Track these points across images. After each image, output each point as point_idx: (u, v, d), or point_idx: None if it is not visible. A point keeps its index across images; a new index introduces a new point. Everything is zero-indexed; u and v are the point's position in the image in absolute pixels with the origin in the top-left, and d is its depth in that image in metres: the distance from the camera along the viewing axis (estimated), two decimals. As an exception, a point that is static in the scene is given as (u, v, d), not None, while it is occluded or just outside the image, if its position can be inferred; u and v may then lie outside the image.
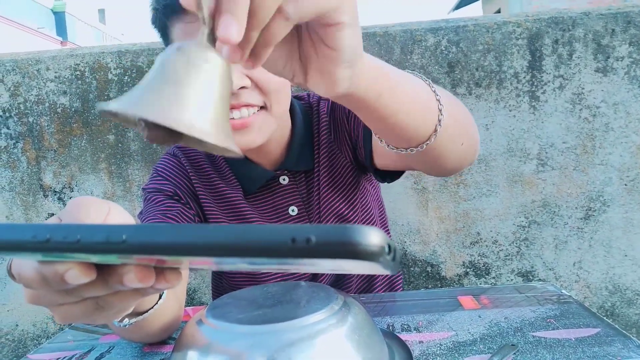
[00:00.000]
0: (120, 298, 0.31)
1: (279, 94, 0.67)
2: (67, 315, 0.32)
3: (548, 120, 1.09)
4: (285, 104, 0.71)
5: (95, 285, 0.29)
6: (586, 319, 0.60)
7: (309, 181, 0.79)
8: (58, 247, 0.23)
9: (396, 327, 0.62)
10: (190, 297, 1.18)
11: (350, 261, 0.21)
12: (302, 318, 0.45)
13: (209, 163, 0.80)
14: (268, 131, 0.68)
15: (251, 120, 0.65)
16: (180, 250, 0.22)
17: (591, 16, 1.07)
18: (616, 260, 1.13)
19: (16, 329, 1.20)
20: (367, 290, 0.88)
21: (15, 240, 0.23)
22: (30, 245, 0.23)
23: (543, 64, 1.08)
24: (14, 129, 1.14)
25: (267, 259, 0.21)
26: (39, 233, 0.23)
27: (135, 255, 0.23)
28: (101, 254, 0.23)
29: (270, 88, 0.65)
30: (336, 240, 0.20)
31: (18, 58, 1.13)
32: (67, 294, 0.30)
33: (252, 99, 0.65)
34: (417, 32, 1.08)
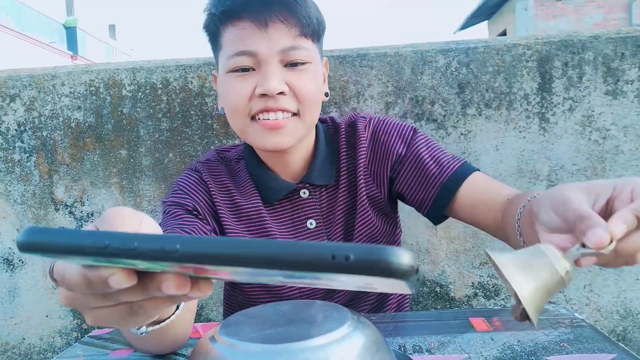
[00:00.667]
0: (154, 304, 0.33)
1: (312, 104, 0.73)
2: (99, 318, 0.35)
3: (558, 142, 1.10)
4: (316, 116, 0.76)
5: (134, 290, 0.31)
6: (600, 343, 0.59)
7: (329, 196, 0.82)
8: (115, 253, 0.25)
9: (407, 347, 0.61)
10: (197, 314, 1.18)
11: (382, 279, 0.23)
12: (316, 338, 0.45)
13: (230, 178, 0.82)
14: (298, 136, 0.73)
15: (284, 122, 0.71)
16: (228, 260, 0.24)
17: (601, 40, 1.08)
18: (627, 284, 1.11)
19: (23, 342, 1.20)
20: (378, 310, 0.88)
21: (76, 244, 0.25)
22: (90, 250, 0.25)
23: (553, 86, 1.09)
24: (28, 143, 1.16)
25: (307, 273, 0.23)
26: (98, 239, 0.25)
27: (183, 264, 0.25)
28: (154, 262, 0.25)
29: (305, 97, 0.71)
30: (372, 259, 0.22)
31: (34, 73, 1.15)
32: (104, 298, 0.32)
33: (288, 104, 0.71)
34: (428, 53, 1.10)
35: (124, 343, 0.70)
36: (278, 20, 0.69)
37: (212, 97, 1.12)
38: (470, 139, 1.11)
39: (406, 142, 0.80)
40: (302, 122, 0.73)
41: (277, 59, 0.70)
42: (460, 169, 0.76)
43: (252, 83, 0.70)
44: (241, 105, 0.71)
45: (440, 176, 0.76)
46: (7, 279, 1.19)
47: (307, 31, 0.71)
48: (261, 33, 0.68)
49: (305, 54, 0.71)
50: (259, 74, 0.70)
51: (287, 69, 0.71)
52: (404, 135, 0.81)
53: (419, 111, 1.11)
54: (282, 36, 0.69)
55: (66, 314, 1.19)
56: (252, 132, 0.73)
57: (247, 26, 0.69)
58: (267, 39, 0.68)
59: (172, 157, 1.14)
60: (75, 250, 0.25)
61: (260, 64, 0.70)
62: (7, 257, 1.18)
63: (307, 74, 0.72)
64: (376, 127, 0.82)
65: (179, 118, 1.13)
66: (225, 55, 0.72)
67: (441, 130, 1.11)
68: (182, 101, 1.13)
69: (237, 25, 0.70)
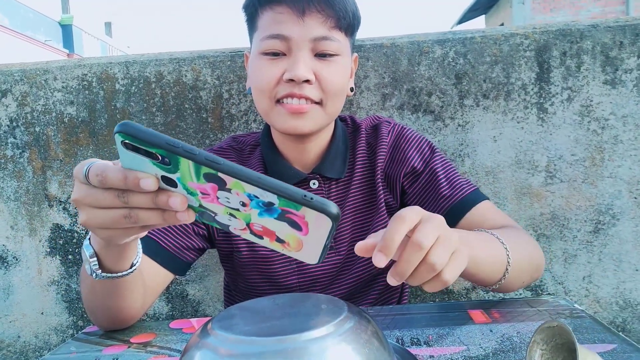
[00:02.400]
0: (148, 216, 0.43)
1: (336, 96, 0.75)
2: (94, 217, 0.45)
3: (556, 133, 1.08)
4: (338, 108, 0.78)
5: (146, 197, 0.42)
6: (601, 334, 0.58)
7: (338, 191, 0.83)
8: (182, 153, 0.37)
9: (405, 340, 0.61)
10: (194, 310, 1.17)
11: (319, 217, 0.38)
12: (311, 331, 0.44)
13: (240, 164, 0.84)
14: (318, 123, 0.75)
15: (307, 107, 0.73)
16: (246, 179, 0.38)
17: (599, 28, 1.06)
18: (627, 275, 1.11)
19: (18, 340, 1.19)
20: (380, 304, 0.88)
21: (158, 141, 0.37)
22: (170, 147, 0.37)
23: (551, 76, 1.08)
24: (21, 139, 1.14)
25: (284, 200, 0.38)
26: (171, 141, 0.37)
27: (219, 174, 0.38)
28: (202, 167, 0.38)
29: (330, 88, 0.73)
30: (324, 202, 0.38)
31: (26, 68, 1.14)
32: (116, 197, 0.43)
33: (312, 93, 0.73)
34: (425, 43, 1.08)
35: (119, 339, 0.69)
36: (315, 10, 0.71)
37: (207, 90, 1.11)
38: (468, 130, 1.09)
39: (423, 157, 0.82)
40: (324, 111, 0.75)
41: (309, 47, 0.72)
42: (471, 195, 0.78)
43: (281, 67, 0.72)
44: (268, 88, 0.73)
45: (450, 198, 0.78)
46: (1, 277, 1.18)
47: (342, 24, 0.73)
48: (297, 19, 0.70)
49: (336, 46, 0.73)
50: (289, 59, 0.72)
51: (317, 59, 0.73)
52: (422, 149, 0.83)
53: (416, 102, 1.09)
54: (316, 25, 0.71)
55: (62, 311, 1.18)
56: (275, 115, 0.75)
57: (285, 11, 0.71)
58: (302, 25, 0.71)
59: (167, 152, 1.13)
60: (158, 145, 0.37)
61: (292, 49, 0.72)
62: (1, 254, 1.17)
63: (335, 66, 0.74)
64: (399, 134, 0.84)
65: (173, 112, 1.12)
66: (259, 37, 0.74)
67: (438, 121, 1.10)
68: (176, 95, 1.12)
69: (275, 9, 0.72)
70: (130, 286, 0.64)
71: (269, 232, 0.42)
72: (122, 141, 0.38)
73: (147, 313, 1.18)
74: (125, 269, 0.59)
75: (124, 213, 0.44)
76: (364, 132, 0.85)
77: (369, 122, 0.87)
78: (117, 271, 0.59)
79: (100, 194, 0.44)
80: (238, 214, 0.41)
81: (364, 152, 0.84)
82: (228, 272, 0.90)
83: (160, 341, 0.68)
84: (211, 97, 1.11)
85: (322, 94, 0.73)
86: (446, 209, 0.78)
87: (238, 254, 0.82)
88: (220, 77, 1.11)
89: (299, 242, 0.42)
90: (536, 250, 0.74)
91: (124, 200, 0.42)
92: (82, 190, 0.45)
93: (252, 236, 0.43)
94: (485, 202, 0.79)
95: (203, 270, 1.16)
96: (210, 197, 0.40)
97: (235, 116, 1.11)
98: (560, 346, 0.47)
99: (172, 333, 0.71)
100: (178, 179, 0.40)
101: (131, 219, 0.44)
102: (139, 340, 0.68)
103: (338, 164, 0.82)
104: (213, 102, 1.11)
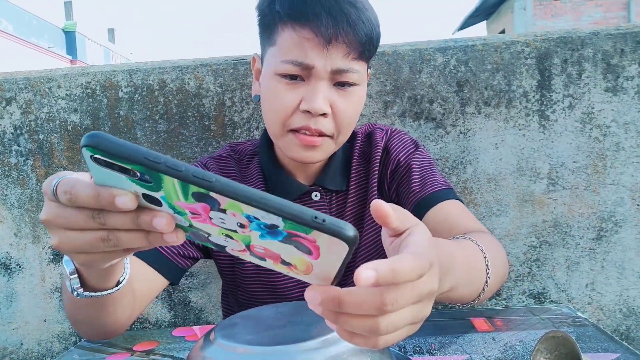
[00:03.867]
0: (129, 238, 0.37)
1: (348, 128, 0.74)
2: (68, 241, 0.39)
3: (558, 140, 1.09)
4: (347, 137, 0.77)
5: (125, 217, 0.36)
6: (604, 342, 0.58)
7: (338, 203, 0.83)
8: (165, 170, 0.31)
9: (408, 349, 0.60)
10: (196, 317, 1.17)
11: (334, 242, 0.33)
12: (314, 340, 0.44)
13: (239, 177, 0.83)
14: (329, 153, 0.76)
15: (319, 141, 0.71)
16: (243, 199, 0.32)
17: (600, 36, 1.07)
18: (630, 282, 1.10)
19: (21, 347, 1.19)
20: None
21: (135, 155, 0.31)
22: (149, 162, 0.31)
23: (552, 84, 1.08)
24: (24, 146, 1.15)
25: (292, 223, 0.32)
26: (151, 155, 0.31)
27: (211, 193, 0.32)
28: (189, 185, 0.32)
29: (344, 123, 0.72)
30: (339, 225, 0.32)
31: (31, 76, 1.15)
32: (91, 218, 0.37)
33: (327, 128, 0.71)
34: (426, 51, 1.09)
35: (122, 347, 0.69)
36: (342, 40, 0.67)
37: (209, 98, 1.12)
38: (470, 138, 1.10)
39: (406, 153, 0.82)
40: (335, 142, 0.75)
41: (329, 76, 0.69)
42: (439, 193, 0.77)
43: (299, 94, 0.70)
44: (284, 115, 0.71)
45: (418, 193, 0.77)
46: (5, 284, 1.18)
47: (365, 54, 0.70)
48: (322, 48, 0.67)
49: (356, 77, 0.71)
50: (308, 85, 0.69)
51: (335, 88, 0.71)
52: (406, 147, 0.83)
53: (418, 110, 1.10)
54: (340, 56, 0.68)
55: (64, 319, 1.18)
56: (285, 142, 0.73)
57: (310, 37, 0.67)
58: (326, 56, 0.67)
59: (170, 159, 1.13)
60: (135, 160, 0.31)
61: (311, 77, 0.69)
62: (5, 261, 1.18)
63: (352, 97, 0.72)
64: (389, 139, 0.84)
65: (176, 120, 1.13)
66: (279, 56, 0.70)
67: (440, 129, 1.10)
68: (179, 102, 1.12)
69: (298, 31, 0.67)
70: (116, 302, 0.59)
71: (272, 255, 0.37)
72: (92, 156, 0.32)
73: (150, 320, 1.18)
74: (111, 287, 0.54)
75: (101, 236, 0.38)
76: (359, 142, 0.85)
77: (364, 130, 0.87)
78: (101, 290, 0.53)
79: (72, 214, 0.37)
80: (236, 235, 0.36)
81: (359, 162, 0.84)
82: (228, 283, 0.88)
83: (163, 349, 0.68)
84: (214, 105, 1.12)
85: (334, 129, 0.72)
86: (414, 203, 0.77)
87: (240, 266, 0.81)
88: (223, 84, 1.11)
89: (308, 265, 0.36)
90: (504, 255, 0.71)
91: (100, 221, 0.36)
92: (51, 209, 0.39)
93: (254, 257, 0.38)
94: (454, 201, 0.76)
95: (205, 277, 1.16)
96: (202, 218, 0.35)
97: (238, 124, 1.12)
98: (564, 356, 0.47)
99: (175, 341, 0.71)
100: (163, 198, 0.34)
101: (110, 242, 0.38)
102: (141, 348, 0.68)
103: (339, 176, 0.82)
104: (216, 109, 1.12)
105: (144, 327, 0.73)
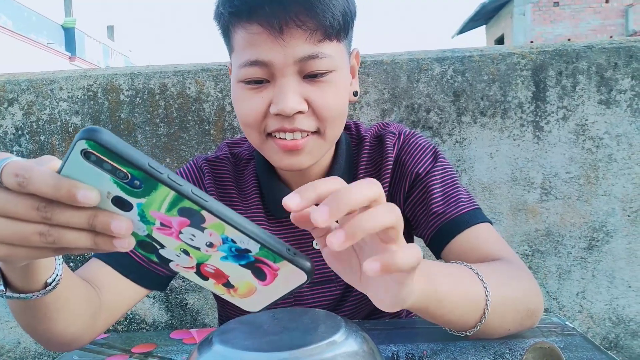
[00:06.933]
0: (74, 237, 0.35)
1: (335, 121, 0.64)
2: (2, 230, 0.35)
3: (552, 150, 1.11)
4: (340, 130, 0.67)
5: (79, 214, 0.33)
6: (590, 352, 0.60)
7: None
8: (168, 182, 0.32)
9: (401, 355, 0.62)
10: (193, 319, 1.18)
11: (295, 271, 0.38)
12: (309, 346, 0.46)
13: (234, 182, 0.77)
14: (319, 154, 0.66)
15: (303, 142, 0.63)
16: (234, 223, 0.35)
17: (594, 49, 1.09)
18: (620, 292, 1.13)
19: (18, 346, 1.20)
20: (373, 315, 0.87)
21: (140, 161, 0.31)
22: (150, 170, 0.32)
23: (547, 95, 1.10)
24: (26, 147, 1.16)
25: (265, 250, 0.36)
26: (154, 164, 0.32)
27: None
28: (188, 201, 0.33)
29: (326, 115, 0.62)
30: (303, 258, 0.38)
31: (33, 78, 1.16)
32: (36, 210, 0.34)
33: (306, 124, 0.62)
34: (424, 61, 1.11)
35: (120, 349, 0.71)
36: (294, 25, 0.58)
37: (210, 102, 1.13)
38: (465, 147, 1.12)
39: (424, 165, 0.72)
40: (324, 139, 0.65)
41: (294, 70, 0.60)
42: (466, 215, 0.68)
43: (266, 98, 0.62)
44: (255, 122, 0.63)
45: (442, 216, 0.68)
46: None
47: (331, 32, 0.60)
48: (275, 40, 0.58)
49: (327, 63, 0.61)
50: (274, 87, 0.61)
51: (307, 81, 0.61)
52: (424, 158, 0.73)
53: (415, 118, 1.12)
54: (299, 43, 0.59)
55: (62, 318, 1.19)
56: (267, 150, 0.66)
57: (258, 31, 0.59)
58: (282, 46, 0.58)
59: (169, 162, 1.15)
60: (138, 165, 0.31)
61: (275, 75, 0.61)
62: (4, 260, 1.19)
63: (329, 87, 0.62)
64: (402, 146, 0.74)
65: (177, 123, 1.14)
66: (237, 62, 0.63)
67: (436, 137, 1.12)
68: (180, 107, 1.14)
69: (247, 28, 0.60)
70: (53, 308, 0.53)
71: (220, 275, 0.39)
72: (84, 150, 0.31)
73: (147, 321, 1.19)
74: (37, 289, 0.48)
75: (39, 229, 0.34)
76: (367, 146, 0.76)
77: (374, 132, 0.77)
78: (26, 292, 0.47)
79: (12, 200, 0.34)
80: (194, 252, 0.37)
81: (366, 172, 0.75)
82: (218, 299, 0.83)
83: (161, 351, 0.69)
84: (214, 110, 1.13)
85: (318, 123, 0.63)
86: (436, 227, 0.69)
87: None
88: (223, 89, 1.13)
89: (251, 289, 0.40)
90: (531, 293, 0.62)
91: (46, 214, 0.33)
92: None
93: (195, 276, 0.39)
94: (482, 225, 0.67)
95: (202, 279, 1.17)
96: (170, 231, 0.35)
97: (237, 128, 1.13)
98: None
99: (173, 344, 0.72)
100: (139, 204, 0.34)
101: (48, 238, 0.34)
102: (140, 350, 0.70)
103: None
104: (216, 114, 1.13)
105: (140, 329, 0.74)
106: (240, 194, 0.76)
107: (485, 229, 0.68)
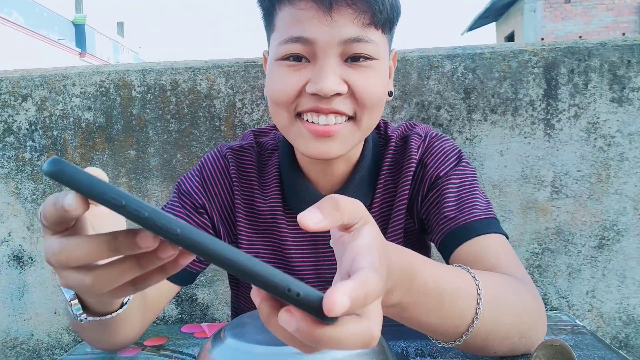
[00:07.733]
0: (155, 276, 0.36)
1: (374, 108, 0.62)
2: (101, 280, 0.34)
3: (563, 149, 1.10)
4: (376, 121, 0.65)
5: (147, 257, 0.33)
6: (601, 350, 0.60)
7: None
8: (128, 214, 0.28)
9: (410, 352, 0.62)
10: (203, 313, 1.19)
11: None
12: (321, 341, 0.46)
13: (257, 172, 0.75)
14: (351, 143, 0.63)
15: (337, 128, 0.60)
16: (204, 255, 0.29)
17: (607, 47, 1.08)
18: (630, 291, 1.12)
19: (31, 338, 1.22)
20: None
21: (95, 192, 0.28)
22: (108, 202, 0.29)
23: (559, 93, 1.09)
24: (39, 142, 1.18)
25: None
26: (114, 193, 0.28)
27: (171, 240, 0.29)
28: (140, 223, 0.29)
29: (367, 100, 0.60)
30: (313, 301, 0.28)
31: (46, 74, 1.17)
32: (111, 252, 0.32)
33: (344, 107, 0.60)
34: (435, 58, 1.10)
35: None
36: (345, 4, 0.56)
37: (220, 99, 1.14)
38: (476, 144, 1.11)
39: (445, 168, 0.70)
40: (358, 127, 0.62)
41: (338, 51, 0.58)
42: (476, 223, 0.64)
43: (304, 77, 0.59)
44: (287, 100, 0.60)
45: (452, 221, 0.65)
46: (17, 276, 1.21)
47: (379, 19, 0.58)
48: (323, 18, 0.57)
49: (372, 49, 0.59)
50: (314, 66, 0.59)
51: (348, 65, 0.59)
52: (446, 159, 0.71)
53: (425, 116, 1.12)
54: (347, 24, 0.57)
55: (74, 311, 1.21)
56: (295, 134, 0.62)
57: (307, 7, 0.57)
58: (330, 25, 0.57)
59: (180, 158, 1.15)
60: (95, 197, 0.28)
61: (317, 55, 0.58)
62: (18, 254, 1.21)
63: (371, 73, 0.60)
64: (427, 149, 0.72)
65: (188, 119, 1.15)
66: (278, 40, 0.60)
67: (447, 135, 1.12)
68: (191, 103, 1.14)
69: (295, 4, 0.58)
70: (123, 321, 0.55)
71: None
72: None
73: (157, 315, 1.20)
74: (115, 310, 0.51)
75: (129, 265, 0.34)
76: (392, 146, 0.73)
77: (401, 133, 0.75)
78: (105, 313, 0.50)
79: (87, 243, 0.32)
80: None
81: (389, 173, 0.73)
82: (233, 288, 0.85)
83: (173, 345, 0.70)
84: (224, 106, 1.14)
85: (356, 107, 0.60)
86: (445, 232, 0.66)
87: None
88: (234, 86, 1.13)
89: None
90: (532, 315, 0.56)
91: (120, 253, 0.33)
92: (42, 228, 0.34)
93: None
94: (494, 235, 0.63)
95: (212, 274, 1.18)
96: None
97: (248, 125, 1.14)
98: None
99: (184, 337, 0.73)
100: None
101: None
102: (152, 344, 0.71)
103: (363, 189, 0.70)
104: (226, 110, 1.14)
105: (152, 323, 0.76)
106: (261, 186, 0.75)
107: (497, 240, 0.63)
